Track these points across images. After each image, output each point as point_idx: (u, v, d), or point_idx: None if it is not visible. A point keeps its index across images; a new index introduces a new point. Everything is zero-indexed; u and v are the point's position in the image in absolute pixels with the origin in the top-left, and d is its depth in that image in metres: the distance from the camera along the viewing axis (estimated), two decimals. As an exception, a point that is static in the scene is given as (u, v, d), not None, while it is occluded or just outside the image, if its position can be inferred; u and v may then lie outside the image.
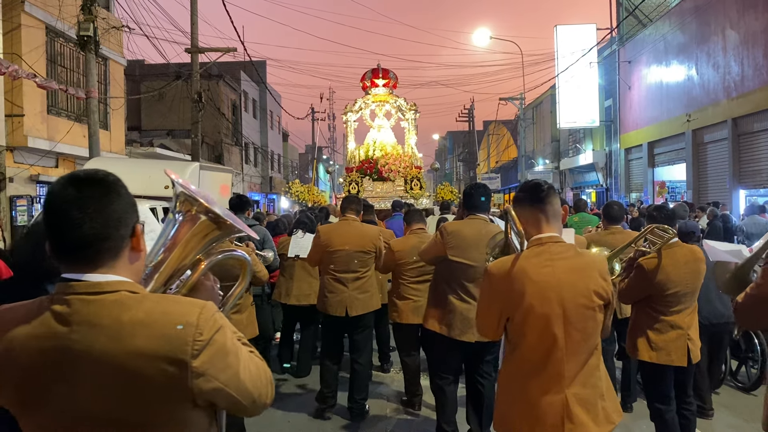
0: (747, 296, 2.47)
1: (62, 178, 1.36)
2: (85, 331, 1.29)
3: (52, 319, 1.31)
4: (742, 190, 16.06)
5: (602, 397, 2.52)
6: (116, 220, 1.35)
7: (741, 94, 15.58)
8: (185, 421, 1.37)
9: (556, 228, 2.56)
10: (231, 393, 1.38)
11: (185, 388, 1.31)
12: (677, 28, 19.27)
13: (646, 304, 4.05)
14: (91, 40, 12.26)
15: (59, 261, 1.36)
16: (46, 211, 1.34)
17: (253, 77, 32.16)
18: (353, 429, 5.23)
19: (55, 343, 1.30)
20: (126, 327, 1.30)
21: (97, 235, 1.33)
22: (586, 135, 28.73)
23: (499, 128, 47.32)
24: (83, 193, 1.33)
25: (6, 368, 1.32)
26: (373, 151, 14.61)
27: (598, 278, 2.50)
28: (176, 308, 1.36)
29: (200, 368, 1.32)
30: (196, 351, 1.31)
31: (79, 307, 1.31)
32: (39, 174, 14.33)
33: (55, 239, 1.34)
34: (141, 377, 1.29)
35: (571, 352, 2.45)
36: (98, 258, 1.35)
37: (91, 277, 1.34)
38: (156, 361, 1.29)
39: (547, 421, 2.44)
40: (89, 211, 1.32)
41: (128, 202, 1.40)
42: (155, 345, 1.29)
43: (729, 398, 5.83)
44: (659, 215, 4.17)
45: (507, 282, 2.50)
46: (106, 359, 1.28)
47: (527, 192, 2.59)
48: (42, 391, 1.31)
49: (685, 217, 7.96)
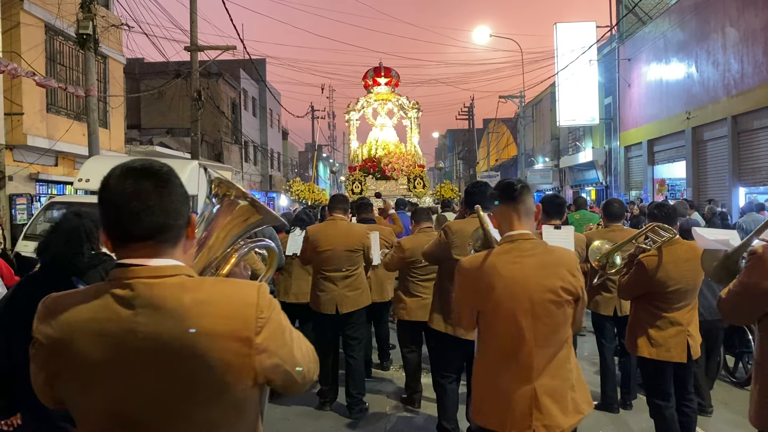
0: (730, 292, 2.50)
1: (117, 170, 1.38)
2: (149, 314, 1.32)
3: (114, 302, 1.34)
4: (741, 187, 16.05)
5: (572, 388, 2.60)
6: (175, 210, 1.39)
7: (741, 92, 15.57)
8: (245, 399, 1.40)
9: (528, 225, 2.66)
10: (288, 369, 1.43)
11: (249, 365, 1.36)
12: (677, 26, 19.26)
13: (646, 301, 4.06)
14: (91, 38, 12.26)
15: (117, 250, 1.39)
16: (105, 203, 1.37)
17: (253, 75, 32.15)
18: (353, 427, 5.23)
19: (120, 326, 1.32)
20: (190, 308, 1.33)
21: (160, 225, 1.36)
22: (585, 133, 28.72)
23: (498, 126, 47.31)
24: (142, 185, 1.35)
25: (66, 354, 1.34)
26: (376, 150, 14.63)
27: (566, 274, 2.59)
28: (235, 288, 1.41)
29: (263, 344, 1.36)
30: (259, 328, 1.36)
31: (143, 291, 1.33)
32: (38, 172, 14.33)
33: (115, 230, 1.37)
34: (207, 356, 1.32)
35: (539, 345, 2.55)
36: (159, 247, 1.38)
37: (153, 262, 1.37)
38: (222, 340, 1.33)
39: (516, 410, 2.54)
40: (151, 203, 1.35)
41: (183, 193, 1.43)
42: (221, 324, 1.33)
43: (726, 394, 5.84)
44: (660, 213, 4.17)
45: (478, 277, 2.62)
46: (172, 340, 1.31)
47: (500, 190, 2.70)
48: (104, 375, 1.32)
49: (685, 214, 7.99)
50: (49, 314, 1.37)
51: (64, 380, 1.37)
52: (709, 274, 2.89)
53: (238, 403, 1.40)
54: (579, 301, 2.64)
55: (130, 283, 1.34)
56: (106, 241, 1.41)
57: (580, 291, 2.62)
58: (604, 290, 5.28)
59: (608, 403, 5.38)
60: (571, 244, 4.35)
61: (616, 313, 5.29)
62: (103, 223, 1.39)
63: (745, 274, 2.42)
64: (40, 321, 1.38)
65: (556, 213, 5.01)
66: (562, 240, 4.28)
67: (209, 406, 1.35)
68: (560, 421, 2.54)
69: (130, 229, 1.35)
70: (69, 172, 15.25)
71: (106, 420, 1.35)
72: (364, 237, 5.52)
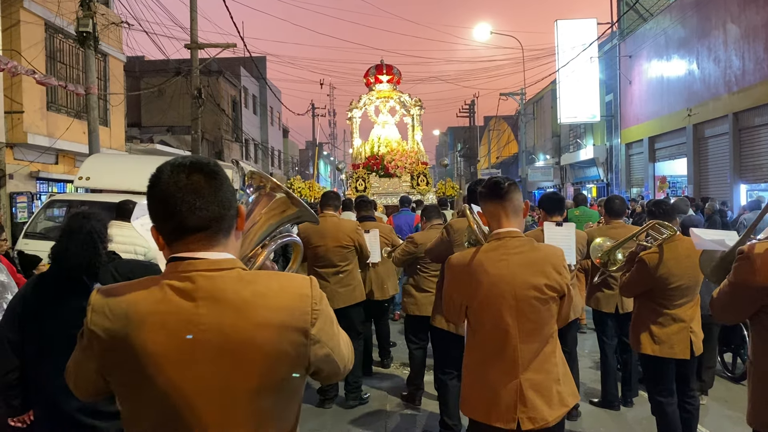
0: (720, 291, 2.52)
1: (167, 167, 1.41)
2: (210, 306, 1.35)
3: (174, 295, 1.36)
4: (743, 184, 16.04)
5: (557, 381, 2.66)
6: (227, 201, 1.43)
7: (742, 89, 15.55)
8: (296, 388, 1.46)
9: (516, 223, 2.71)
10: (335, 359, 1.49)
11: (305, 355, 1.41)
12: (678, 23, 19.22)
13: (648, 298, 4.06)
14: (91, 36, 12.24)
15: (172, 244, 1.42)
16: (159, 198, 1.40)
17: (253, 73, 32.13)
18: (353, 423, 5.24)
19: (181, 318, 1.35)
20: (250, 300, 1.37)
21: (215, 216, 1.40)
22: (586, 130, 28.70)
23: (499, 124, 47.28)
24: (194, 179, 1.39)
25: (126, 346, 1.35)
26: (379, 147, 14.65)
27: (551, 272, 2.64)
28: (289, 281, 1.46)
29: (317, 335, 1.42)
30: (314, 319, 1.42)
31: (203, 283, 1.36)
32: (39, 171, 14.33)
33: (169, 224, 1.40)
34: (267, 347, 1.36)
35: (524, 341, 2.62)
36: (214, 238, 1.42)
37: (210, 255, 1.40)
38: (282, 331, 1.38)
39: (501, 403, 2.62)
40: (206, 195, 1.39)
41: (230, 185, 1.46)
42: (280, 315, 1.38)
43: (726, 391, 5.85)
44: (657, 210, 4.19)
45: (466, 274, 2.69)
46: (233, 331, 1.35)
47: (489, 189, 2.73)
48: (164, 366, 1.34)
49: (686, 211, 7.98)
50: (106, 307, 1.40)
51: (122, 372, 1.39)
52: (707, 275, 2.90)
53: (290, 393, 1.45)
54: (564, 297, 2.69)
55: (190, 276, 1.37)
56: (157, 237, 1.44)
57: (566, 288, 2.67)
58: (606, 287, 5.26)
59: (609, 401, 5.38)
60: (572, 241, 4.35)
61: (618, 311, 5.29)
62: (156, 218, 1.42)
63: (733, 274, 2.43)
64: (97, 313, 1.40)
65: (557, 210, 5.01)
66: (563, 237, 4.28)
67: (264, 395, 1.39)
68: (545, 413, 2.60)
69: (185, 222, 1.38)
70: (69, 171, 15.25)
71: (163, 410, 1.36)
72: (353, 233, 5.55)
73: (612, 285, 5.16)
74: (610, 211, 5.42)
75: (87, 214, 2.96)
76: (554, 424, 2.64)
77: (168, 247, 1.43)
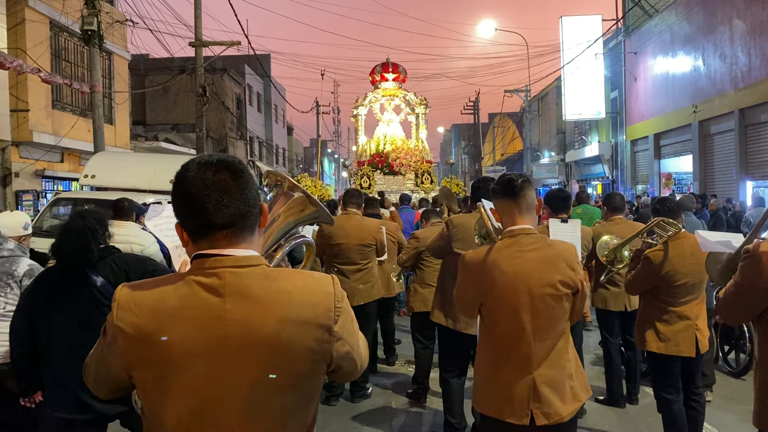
0: (726, 291, 2.51)
1: (193, 164, 1.43)
2: (238, 302, 1.37)
3: (202, 290, 1.38)
4: (749, 181, 15.96)
5: (570, 377, 2.68)
6: (252, 199, 1.45)
7: (748, 85, 15.47)
8: (317, 384, 1.49)
9: (529, 220, 2.71)
10: (354, 356, 1.53)
11: (328, 351, 1.44)
12: (683, 19, 19.13)
13: (653, 296, 4.06)
14: (95, 34, 12.27)
15: (197, 241, 1.43)
16: (185, 195, 1.41)
17: (258, 71, 32.13)
18: (358, 420, 5.24)
19: (209, 313, 1.37)
20: (276, 297, 1.40)
21: (241, 213, 1.42)
22: (591, 127, 28.61)
23: (504, 121, 47.18)
24: (221, 176, 1.41)
25: (154, 341, 1.37)
26: (384, 145, 14.70)
27: (565, 268, 2.65)
28: (314, 279, 1.49)
29: (339, 332, 1.45)
30: (337, 316, 1.45)
31: (231, 279, 1.38)
32: (44, 169, 14.38)
33: (195, 221, 1.42)
34: (293, 342, 1.39)
35: (538, 337, 2.63)
36: (240, 235, 1.44)
37: (236, 251, 1.42)
38: (307, 327, 1.40)
39: (515, 399, 2.63)
40: (232, 193, 1.41)
41: (255, 183, 1.49)
42: (305, 312, 1.41)
43: (732, 389, 5.83)
44: (662, 208, 4.17)
45: (480, 271, 2.70)
46: (260, 327, 1.37)
47: (502, 186, 2.74)
48: (191, 361, 1.36)
49: (692, 208, 7.96)
50: (132, 303, 1.41)
51: (148, 367, 1.39)
52: (714, 278, 2.88)
53: (312, 389, 1.48)
54: (578, 293, 2.69)
55: (217, 272, 1.39)
56: (181, 233, 1.46)
57: (580, 284, 2.68)
58: (613, 285, 5.22)
59: (614, 399, 5.38)
60: (578, 237, 4.35)
61: (626, 309, 5.24)
62: (181, 215, 1.44)
63: (738, 273, 2.42)
64: (123, 310, 1.41)
65: (562, 208, 5.00)
66: (569, 233, 4.28)
67: (288, 391, 1.42)
68: (559, 409, 2.61)
69: (212, 219, 1.40)
70: (75, 169, 15.30)
71: (189, 405, 1.38)
72: (376, 232, 5.65)
73: (618, 282, 5.11)
74: (610, 207, 5.49)
75: (84, 212, 3.22)
76: (568, 420, 2.65)
77: (193, 244, 1.44)
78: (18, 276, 3.66)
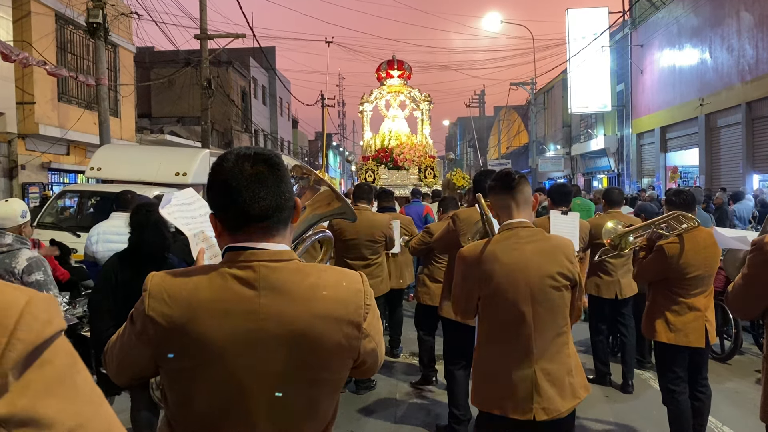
0: (735, 285, 2.51)
1: (230, 155, 1.43)
2: (272, 296, 1.38)
3: (237, 283, 1.38)
4: (755, 175, 15.90)
5: (570, 373, 2.68)
6: (288, 192, 1.46)
7: (755, 78, 15.38)
8: (341, 380, 1.50)
9: (526, 214, 2.73)
10: (378, 353, 1.53)
11: (356, 347, 1.45)
12: (690, 11, 19.01)
13: (664, 287, 4.07)
14: (101, 27, 12.28)
15: (232, 232, 1.43)
16: (222, 186, 1.41)
17: (263, 64, 32.10)
18: (363, 412, 5.26)
19: (243, 306, 1.37)
20: (309, 292, 1.40)
21: (277, 207, 1.42)
22: (597, 120, 28.51)
23: (509, 114, 47.05)
24: (258, 169, 1.41)
25: (187, 332, 1.37)
26: (389, 141, 14.85)
27: (564, 260, 2.66)
28: (345, 275, 1.49)
29: (367, 329, 1.46)
30: (366, 313, 1.46)
31: (266, 273, 1.39)
32: (50, 161, 14.43)
33: (231, 212, 1.41)
34: (324, 338, 1.39)
35: (539, 329, 2.62)
36: (274, 228, 1.44)
37: (270, 245, 1.42)
38: (338, 323, 1.41)
39: (517, 394, 2.62)
40: (269, 186, 1.41)
41: (289, 177, 1.49)
42: (337, 308, 1.42)
43: (737, 383, 5.84)
44: (678, 200, 4.16)
45: (478, 264, 2.69)
46: (292, 321, 1.38)
47: (499, 181, 2.76)
48: (223, 353, 1.37)
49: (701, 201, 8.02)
50: (165, 293, 1.40)
51: (179, 357, 1.39)
52: (732, 275, 2.89)
53: (337, 384, 1.49)
54: (576, 287, 2.70)
55: (252, 265, 1.39)
56: (215, 224, 1.45)
57: (577, 277, 2.69)
58: (605, 274, 5.58)
59: (601, 375, 5.74)
60: (576, 228, 4.47)
61: (617, 297, 5.59)
62: (216, 206, 1.44)
63: (746, 266, 2.43)
64: (155, 299, 1.40)
65: (563, 201, 5.15)
66: (568, 225, 4.40)
67: (316, 386, 1.43)
68: (558, 404, 2.61)
69: (248, 211, 1.39)
70: (80, 161, 15.35)
71: (218, 397, 1.39)
72: (386, 228, 5.75)
73: (611, 272, 5.55)
74: (609, 201, 5.78)
75: (148, 206, 3.61)
76: (566, 415, 2.65)
77: (227, 235, 1.44)
78: (18, 272, 3.60)
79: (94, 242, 5.75)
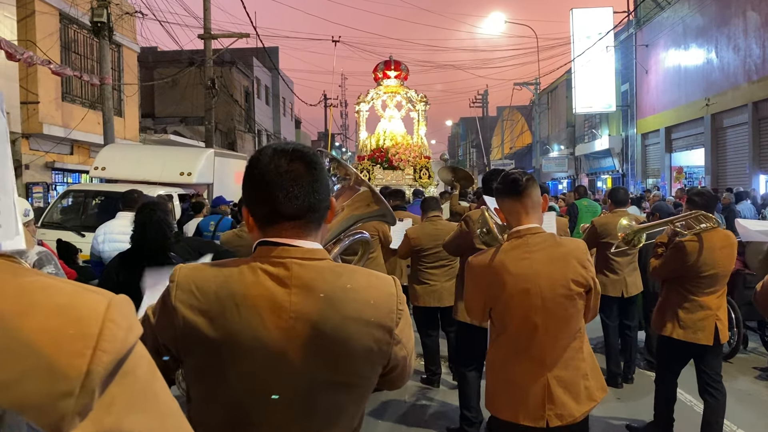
0: (764, 284, 2.45)
1: (268, 150, 1.40)
2: (303, 294, 1.34)
3: (268, 279, 1.35)
4: (762, 175, 15.83)
5: (585, 377, 2.62)
6: (324, 191, 1.42)
7: (762, 78, 15.30)
8: (371, 385, 1.44)
9: (536, 218, 2.63)
10: (408, 363, 1.47)
11: (387, 353, 1.40)
12: (696, 11, 18.93)
13: (678, 284, 4.11)
14: (105, 26, 12.27)
15: (264, 228, 1.40)
16: (258, 181, 1.38)
17: (266, 63, 32.10)
18: (371, 414, 5.20)
19: (274, 303, 1.33)
20: (341, 293, 1.36)
21: (310, 205, 1.38)
22: (602, 120, 28.45)
23: (513, 114, 47.00)
24: (295, 166, 1.37)
25: (212, 326, 1.33)
26: (384, 141, 14.86)
27: (576, 266, 2.56)
28: (377, 279, 1.45)
29: (399, 336, 1.41)
30: (398, 319, 1.41)
31: (298, 271, 1.35)
32: (54, 161, 14.41)
33: (264, 208, 1.38)
34: (354, 341, 1.35)
35: (551, 338, 2.56)
36: (307, 227, 1.40)
37: (304, 243, 1.39)
38: (368, 327, 1.36)
39: (529, 402, 2.58)
40: (304, 184, 1.37)
41: (326, 176, 1.45)
42: (369, 311, 1.37)
43: (750, 385, 5.78)
44: (701, 201, 4.15)
45: (487, 275, 2.61)
46: (323, 322, 1.33)
47: (506, 185, 2.64)
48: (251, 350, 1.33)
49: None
50: (193, 285, 1.36)
51: (203, 352, 1.35)
52: (755, 268, 2.85)
53: (365, 390, 1.44)
54: (591, 291, 2.62)
55: (284, 263, 1.35)
56: (248, 218, 1.42)
57: (592, 281, 2.60)
58: (612, 273, 5.62)
59: (612, 378, 5.68)
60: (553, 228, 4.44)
61: (623, 295, 5.64)
62: (250, 201, 1.41)
63: None
64: (182, 291, 1.36)
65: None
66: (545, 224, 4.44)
67: (342, 389, 1.38)
68: (572, 410, 2.57)
69: (281, 209, 1.36)
70: (84, 161, 15.33)
71: (241, 394, 1.35)
72: (377, 223, 5.61)
73: (617, 270, 5.61)
74: (615, 201, 5.90)
75: (152, 206, 3.63)
76: (581, 419, 2.62)
77: (259, 231, 1.41)
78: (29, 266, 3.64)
79: (101, 242, 5.70)
